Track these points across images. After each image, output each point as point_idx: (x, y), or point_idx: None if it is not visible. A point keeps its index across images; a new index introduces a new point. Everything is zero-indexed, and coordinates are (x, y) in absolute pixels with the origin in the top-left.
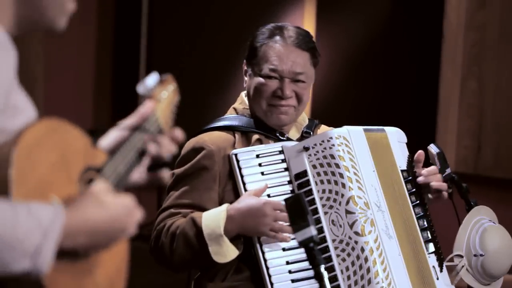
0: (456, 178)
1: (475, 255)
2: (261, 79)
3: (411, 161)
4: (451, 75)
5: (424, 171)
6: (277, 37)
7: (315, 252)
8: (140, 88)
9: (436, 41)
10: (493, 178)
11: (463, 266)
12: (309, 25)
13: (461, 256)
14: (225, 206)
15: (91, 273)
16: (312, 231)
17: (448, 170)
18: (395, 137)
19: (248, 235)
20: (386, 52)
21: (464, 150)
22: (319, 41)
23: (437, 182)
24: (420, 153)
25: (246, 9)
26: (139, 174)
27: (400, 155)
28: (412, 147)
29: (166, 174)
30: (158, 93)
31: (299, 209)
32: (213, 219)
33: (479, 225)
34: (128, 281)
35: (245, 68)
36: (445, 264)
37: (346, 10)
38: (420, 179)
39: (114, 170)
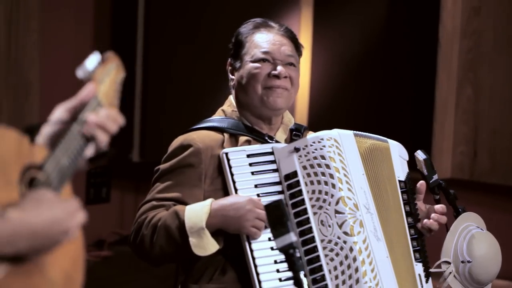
0: (444, 185)
1: (462, 262)
2: (254, 64)
3: (409, 178)
4: (446, 81)
5: (434, 215)
6: (262, 28)
7: (294, 258)
8: (80, 72)
9: (432, 47)
10: (489, 184)
11: (450, 273)
12: (306, 29)
13: (449, 263)
14: (209, 200)
15: (42, 271)
16: (291, 237)
17: (435, 177)
18: (397, 149)
19: (231, 232)
20: (382, 58)
21: (460, 156)
22: (315, 46)
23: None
24: (422, 183)
25: (242, 13)
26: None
27: (400, 168)
28: (408, 153)
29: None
30: (99, 74)
31: (279, 215)
32: (196, 213)
33: (466, 232)
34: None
35: (231, 67)
36: (432, 270)
37: (342, 15)
38: (426, 222)
39: (57, 164)
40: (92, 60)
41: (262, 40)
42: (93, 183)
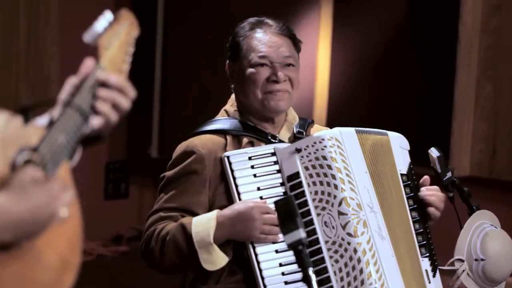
0: (457, 182)
1: (476, 260)
2: (252, 69)
3: (411, 168)
4: (466, 78)
5: (424, 188)
6: (258, 29)
7: (303, 255)
8: (87, 36)
9: (452, 45)
10: (508, 182)
11: (463, 270)
12: (326, 28)
13: (462, 261)
14: (214, 213)
15: (36, 257)
16: (301, 233)
17: (449, 174)
18: (397, 142)
19: (239, 240)
20: (401, 55)
21: (479, 154)
22: (335, 44)
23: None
24: (425, 178)
25: (261, 11)
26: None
27: (401, 160)
28: (426, 150)
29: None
30: (107, 39)
31: (288, 211)
32: (203, 227)
33: (480, 230)
34: (135, 283)
35: (230, 69)
36: (445, 268)
37: (362, 13)
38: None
39: (52, 145)
40: (102, 21)
41: (259, 42)
42: (112, 178)
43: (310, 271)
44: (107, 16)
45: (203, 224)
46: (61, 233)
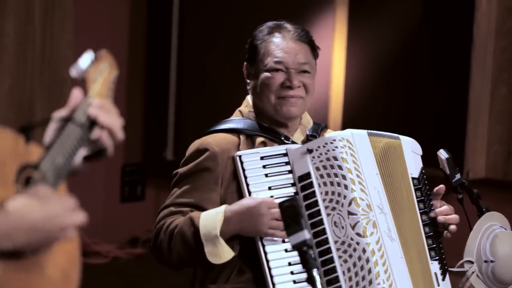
0: (467, 184)
1: (485, 261)
2: (267, 74)
3: (423, 173)
4: (481, 81)
5: (437, 210)
6: (276, 33)
7: (308, 256)
8: (73, 71)
9: (466, 47)
10: None
11: (473, 272)
12: (341, 30)
13: (472, 262)
14: (223, 207)
15: (41, 268)
16: (305, 234)
17: (457, 176)
18: (409, 146)
19: (247, 236)
20: (416, 58)
21: (494, 156)
22: (350, 46)
23: (444, 217)
24: (441, 187)
25: (276, 12)
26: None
27: (413, 164)
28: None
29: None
30: (93, 74)
31: (293, 212)
32: (211, 220)
33: (490, 231)
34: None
35: (247, 71)
36: (455, 269)
37: (377, 15)
38: (431, 214)
39: (52, 163)
40: (86, 59)
41: (276, 47)
42: (128, 181)
43: (315, 272)
44: (89, 55)
45: (211, 218)
46: (62, 248)
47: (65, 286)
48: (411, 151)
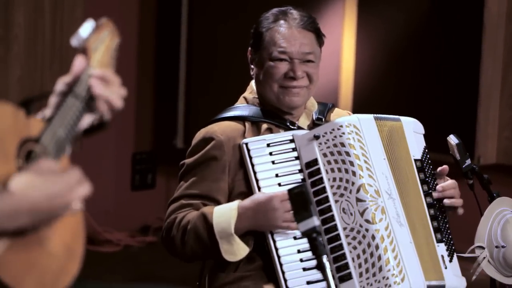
0: (477, 169)
1: (496, 247)
2: (270, 63)
3: (426, 152)
4: (492, 65)
5: (439, 186)
6: (282, 21)
7: (317, 243)
8: (74, 40)
9: (477, 31)
10: None
11: (484, 258)
12: (350, 18)
13: (483, 248)
14: (236, 203)
15: (43, 244)
16: (314, 221)
17: (468, 161)
18: (411, 126)
19: (262, 231)
20: (426, 43)
21: (505, 141)
22: (360, 33)
23: (449, 200)
24: (444, 167)
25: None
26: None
27: (415, 145)
28: None
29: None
30: (93, 42)
31: (302, 199)
32: (224, 217)
33: (501, 216)
34: (162, 273)
35: (251, 56)
36: (466, 255)
37: (386, 2)
38: (434, 194)
39: (53, 135)
40: (86, 27)
41: (281, 36)
42: (138, 169)
43: (325, 258)
44: (90, 23)
45: (224, 214)
46: (65, 222)
47: (69, 261)
48: (413, 131)
